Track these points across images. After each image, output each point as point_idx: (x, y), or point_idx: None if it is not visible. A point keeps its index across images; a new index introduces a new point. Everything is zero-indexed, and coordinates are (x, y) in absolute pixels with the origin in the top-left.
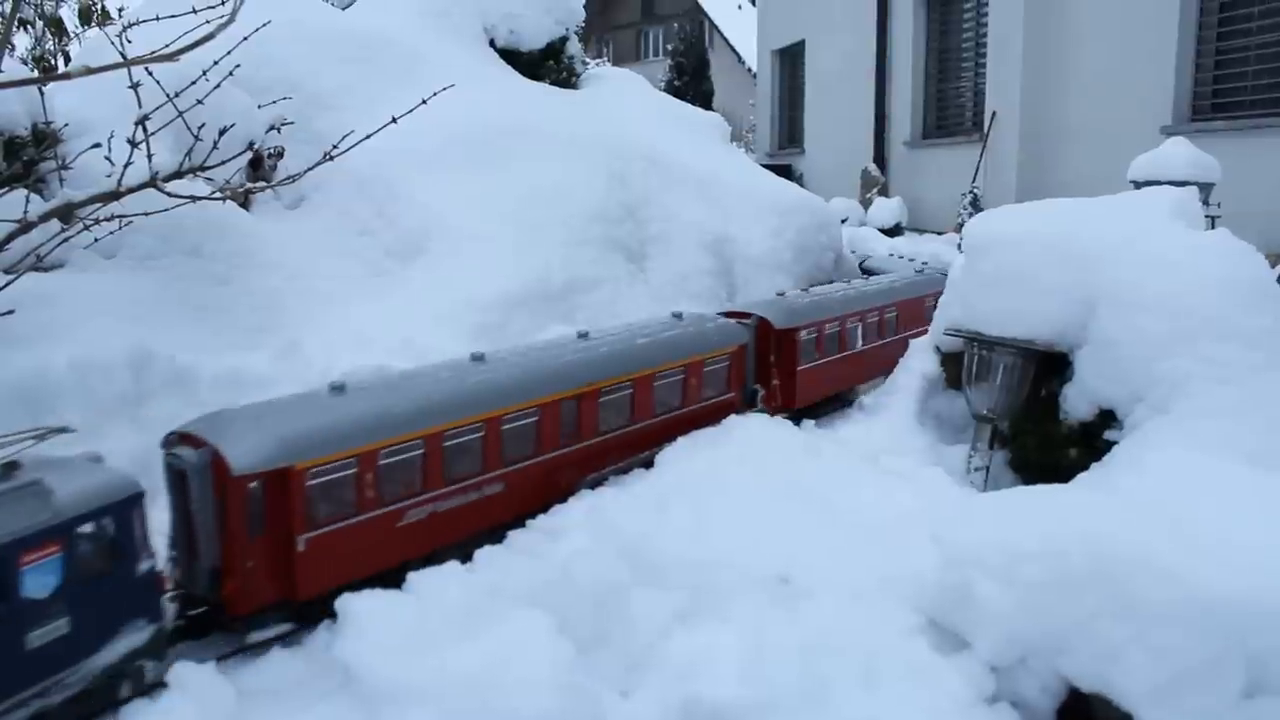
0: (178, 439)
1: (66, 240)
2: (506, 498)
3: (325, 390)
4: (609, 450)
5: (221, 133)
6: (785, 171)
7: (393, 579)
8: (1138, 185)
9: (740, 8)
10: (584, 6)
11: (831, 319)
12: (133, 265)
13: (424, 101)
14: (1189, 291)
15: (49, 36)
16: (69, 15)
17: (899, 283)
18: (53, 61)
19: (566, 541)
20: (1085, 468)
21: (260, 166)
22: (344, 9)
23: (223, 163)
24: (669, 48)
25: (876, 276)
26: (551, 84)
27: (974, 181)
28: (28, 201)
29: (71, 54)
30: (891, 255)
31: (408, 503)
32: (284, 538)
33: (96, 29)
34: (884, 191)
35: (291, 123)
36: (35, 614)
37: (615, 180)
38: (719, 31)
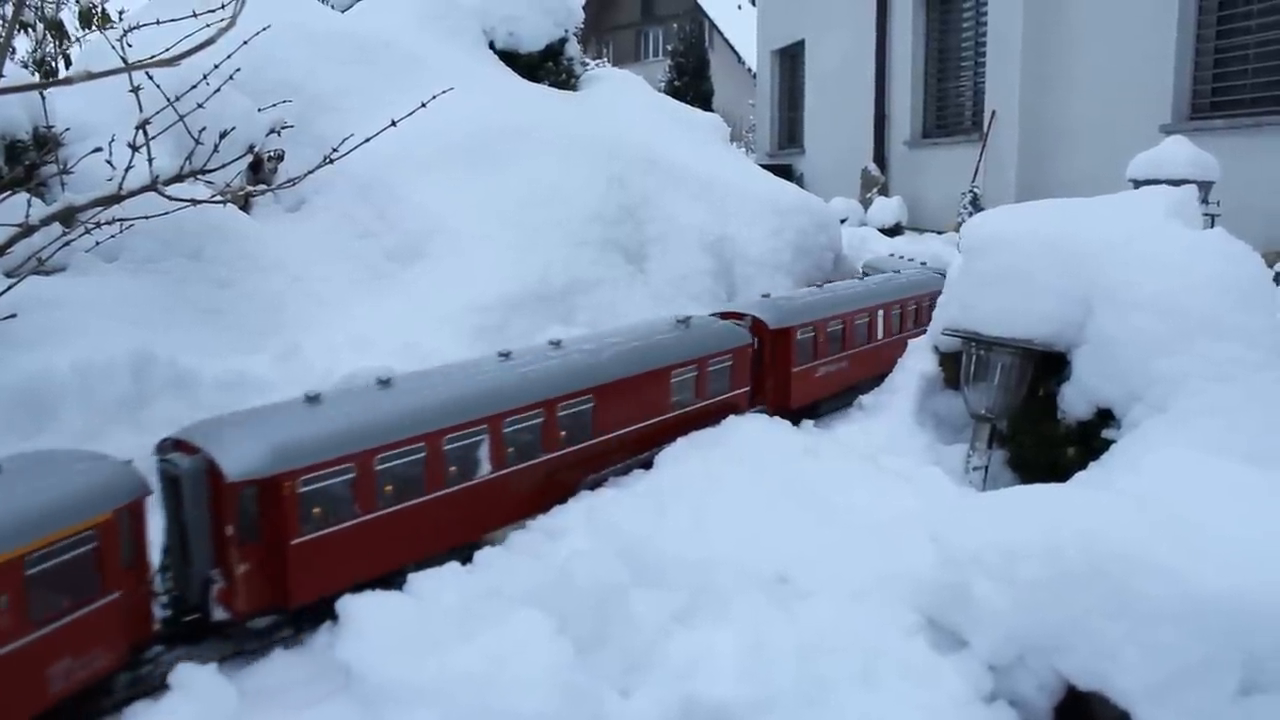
0: None
1: (68, 244)
2: None
3: None
4: None
5: (222, 136)
6: (785, 171)
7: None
8: (1137, 184)
9: (740, 8)
10: (583, 7)
11: (396, 445)
12: (134, 268)
13: (423, 105)
14: (1186, 291)
15: (49, 39)
16: (69, 18)
17: (628, 348)
18: (53, 64)
19: (566, 542)
20: (1083, 466)
21: (260, 169)
22: (343, 11)
23: (223, 166)
24: (669, 48)
25: (580, 345)
26: (551, 85)
27: (974, 180)
28: (29, 205)
29: (72, 57)
30: (892, 255)
31: None
32: None
33: (97, 32)
34: (884, 191)
35: (291, 126)
36: None
37: (614, 181)
38: (719, 32)
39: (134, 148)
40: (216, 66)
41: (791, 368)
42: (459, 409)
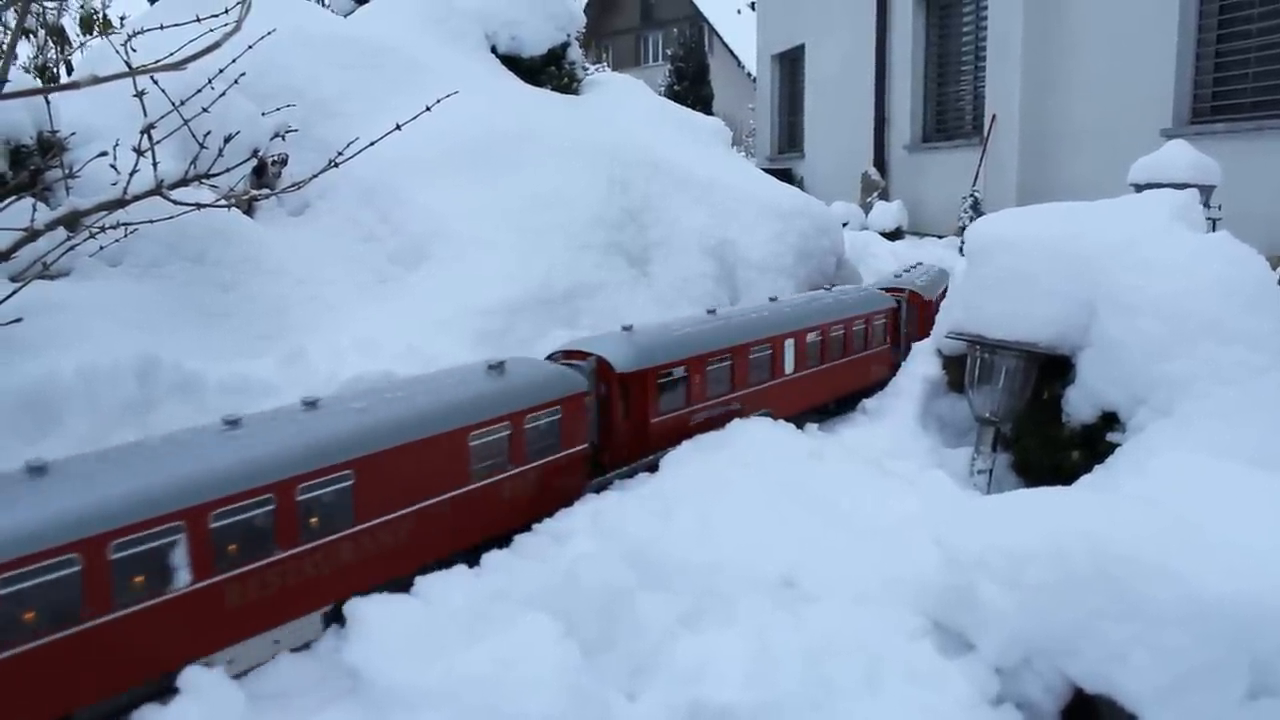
0: None
1: (73, 248)
2: None
3: None
4: None
5: (226, 140)
6: (786, 175)
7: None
8: (1138, 188)
9: (739, 12)
10: (584, 11)
11: (29, 560)
12: (138, 272)
13: (427, 109)
14: (1190, 294)
15: (51, 45)
16: (70, 24)
17: (408, 405)
18: (55, 70)
19: (572, 545)
20: (1088, 470)
21: (264, 173)
22: (345, 16)
23: (227, 170)
24: (669, 53)
25: (344, 404)
26: (552, 90)
27: (974, 184)
28: (34, 210)
29: (74, 63)
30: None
31: None
32: None
33: (98, 38)
34: (884, 195)
35: (295, 130)
36: None
37: (616, 185)
38: (718, 36)
39: (139, 152)
40: (221, 71)
41: (650, 418)
42: (137, 502)
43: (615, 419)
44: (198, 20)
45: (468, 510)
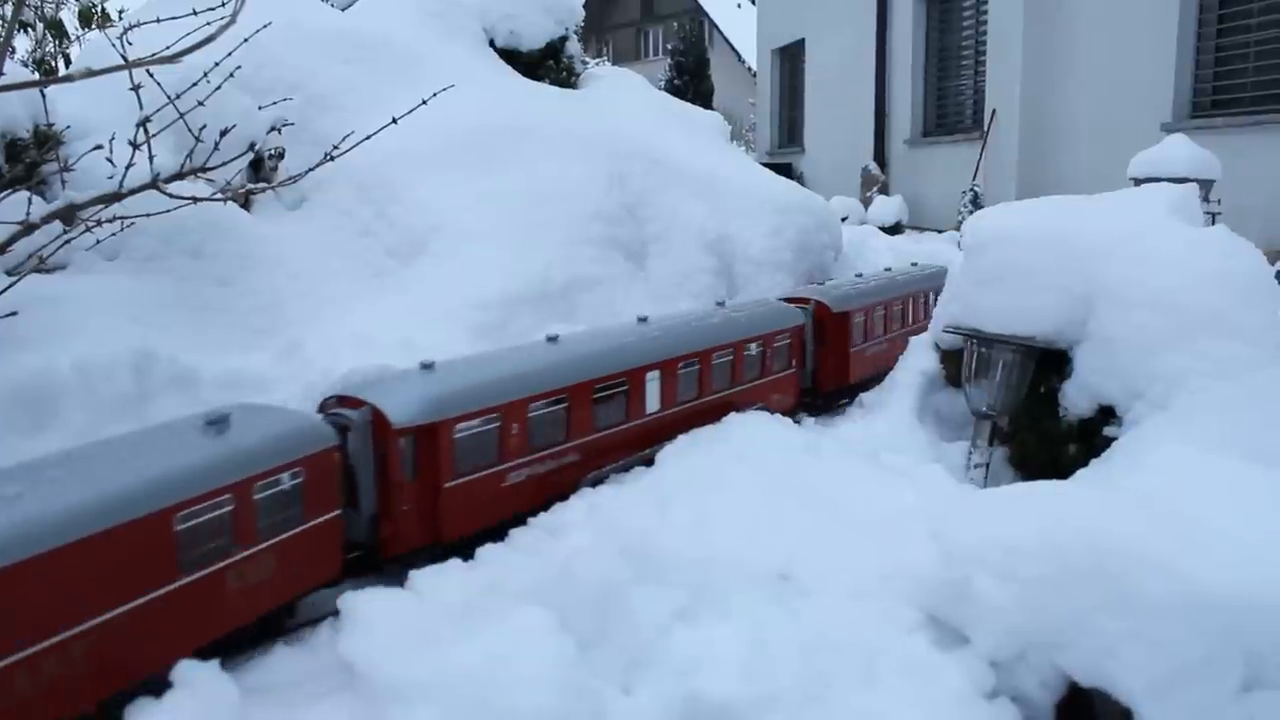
0: None
1: (69, 242)
2: None
3: None
4: None
5: (222, 134)
6: (786, 170)
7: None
8: (1138, 182)
9: (740, 6)
10: (583, 6)
11: None
12: (135, 266)
13: (424, 102)
14: (1187, 288)
15: (49, 39)
16: (69, 17)
17: (87, 480)
18: (53, 64)
19: (567, 539)
20: (1085, 464)
21: (261, 167)
22: (343, 10)
23: (224, 164)
24: (669, 47)
25: None
26: (551, 84)
27: (974, 179)
28: (30, 203)
29: (72, 56)
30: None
31: None
32: None
33: (97, 31)
34: (884, 190)
35: (292, 124)
36: None
37: (615, 179)
38: (719, 30)
39: (134, 145)
40: (217, 64)
41: (443, 482)
42: None
43: (395, 483)
44: (194, 14)
45: (177, 611)
